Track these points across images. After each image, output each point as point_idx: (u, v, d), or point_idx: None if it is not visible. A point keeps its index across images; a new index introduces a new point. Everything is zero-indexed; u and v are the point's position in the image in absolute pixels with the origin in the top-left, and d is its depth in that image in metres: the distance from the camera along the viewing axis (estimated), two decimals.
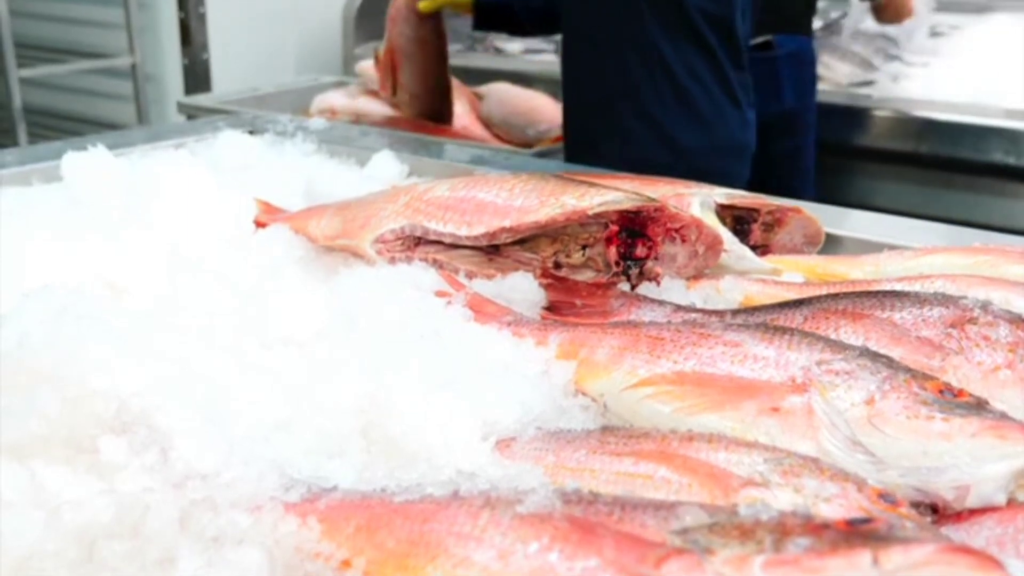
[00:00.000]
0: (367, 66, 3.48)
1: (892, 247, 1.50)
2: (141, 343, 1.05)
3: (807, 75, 3.27)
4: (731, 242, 1.44)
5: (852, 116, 3.47)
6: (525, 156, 2.58)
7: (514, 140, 3.22)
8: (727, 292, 1.37)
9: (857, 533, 0.66)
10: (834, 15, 4.27)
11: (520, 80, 3.63)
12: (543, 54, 4.33)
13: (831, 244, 1.60)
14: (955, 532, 0.85)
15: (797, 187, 3.17)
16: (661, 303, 1.28)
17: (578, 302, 1.30)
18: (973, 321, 1.08)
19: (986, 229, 1.62)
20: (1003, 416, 0.92)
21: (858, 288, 1.29)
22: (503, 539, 0.74)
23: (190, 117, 3.25)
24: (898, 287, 1.27)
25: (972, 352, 1.05)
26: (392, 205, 1.45)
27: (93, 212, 1.52)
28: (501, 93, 3.46)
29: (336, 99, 3.41)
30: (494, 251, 1.37)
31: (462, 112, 3.34)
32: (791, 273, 1.44)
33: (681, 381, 1.02)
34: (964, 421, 0.90)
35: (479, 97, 3.47)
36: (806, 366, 0.98)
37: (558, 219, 1.31)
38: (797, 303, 1.22)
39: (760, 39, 3.09)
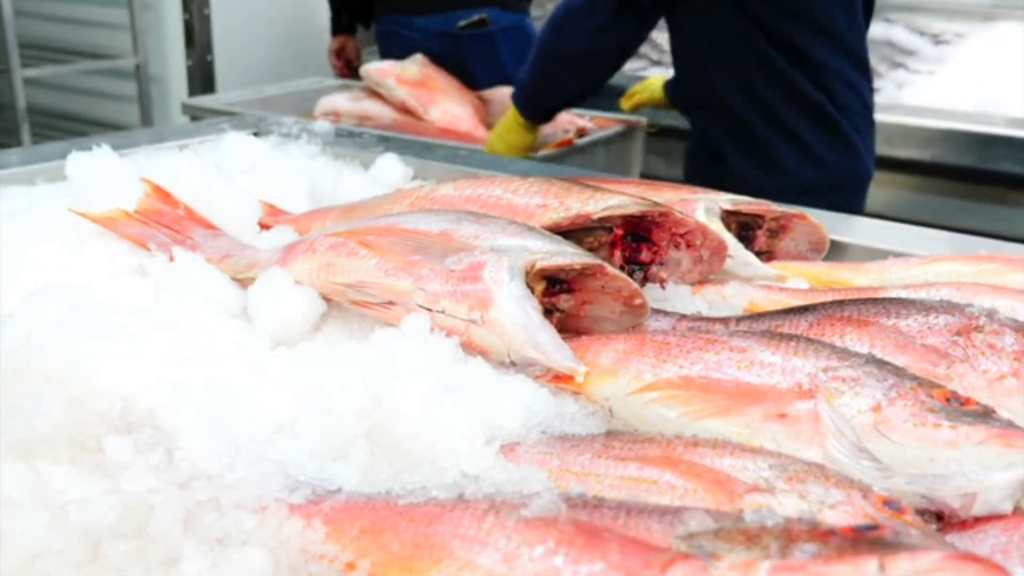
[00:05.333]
0: (371, 69, 3.49)
1: (897, 254, 1.49)
2: (146, 343, 1.05)
3: (524, 47, 3.34)
4: (736, 248, 1.44)
5: None
6: (530, 160, 2.58)
7: None
8: (732, 298, 1.37)
9: (863, 540, 0.66)
10: None
11: None
12: None
13: (836, 251, 1.59)
14: (960, 540, 0.85)
15: None
16: (666, 313, 1.28)
17: None
18: (979, 329, 1.08)
19: (991, 237, 1.62)
20: (1010, 424, 0.92)
21: (863, 295, 1.29)
22: (508, 543, 0.73)
23: (194, 118, 3.25)
24: (903, 295, 1.27)
25: (977, 360, 1.05)
26: (397, 208, 1.45)
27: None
28: (505, 97, 3.45)
29: (341, 102, 3.42)
30: None
31: (466, 116, 3.34)
32: (796, 280, 1.44)
33: (687, 386, 1.01)
34: (971, 429, 0.89)
35: (483, 101, 3.47)
36: (812, 373, 0.98)
37: (562, 223, 1.31)
38: (802, 310, 1.22)
39: (476, 16, 3.54)
